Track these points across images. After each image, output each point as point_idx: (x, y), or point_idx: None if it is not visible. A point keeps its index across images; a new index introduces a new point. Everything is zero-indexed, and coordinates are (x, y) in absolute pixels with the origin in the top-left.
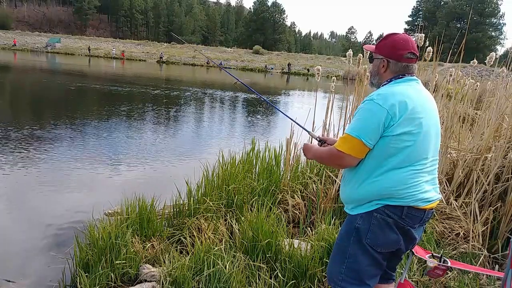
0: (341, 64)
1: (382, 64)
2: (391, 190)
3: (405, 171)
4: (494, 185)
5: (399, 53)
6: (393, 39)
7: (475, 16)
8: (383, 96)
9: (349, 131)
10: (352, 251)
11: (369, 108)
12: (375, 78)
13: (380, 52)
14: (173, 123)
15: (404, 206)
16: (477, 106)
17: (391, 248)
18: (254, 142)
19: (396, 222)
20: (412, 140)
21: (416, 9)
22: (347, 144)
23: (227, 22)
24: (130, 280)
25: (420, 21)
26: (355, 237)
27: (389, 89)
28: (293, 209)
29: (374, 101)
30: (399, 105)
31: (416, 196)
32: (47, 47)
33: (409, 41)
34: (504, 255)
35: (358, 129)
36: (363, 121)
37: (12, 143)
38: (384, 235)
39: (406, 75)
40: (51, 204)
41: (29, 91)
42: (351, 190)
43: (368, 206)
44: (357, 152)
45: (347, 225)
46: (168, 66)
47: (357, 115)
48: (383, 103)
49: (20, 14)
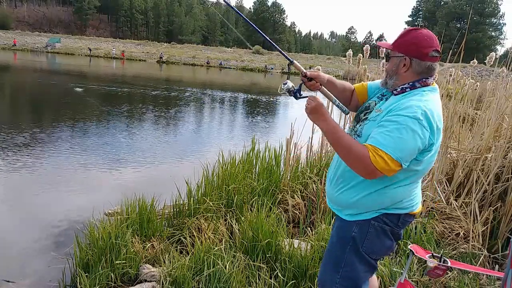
0: (341, 64)
1: (403, 63)
2: (396, 201)
3: (413, 185)
4: (494, 185)
5: (423, 51)
6: (416, 35)
7: (475, 16)
8: (427, 117)
9: (390, 150)
10: (348, 261)
11: (413, 129)
12: (392, 78)
13: (400, 49)
14: (173, 123)
15: (402, 214)
16: (477, 106)
17: (386, 254)
18: (254, 142)
19: (392, 229)
20: (432, 160)
21: (416, 9)
22: (384, 164)
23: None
24: (130, 280)
25: (420, 21)
26: (352, 246)
27: (429, 104)
28: (293, 209)
29: (419, 122)
30: (437, 129)
31: (414, 204)
32: (47, 47)
33: (434, 37)
34: (504, 255)
35: (400, 151)
36: (405, 142)
37: (12, 143)
38: (380, 243)
39: (430, 79)
40: (51, 204)
41: (29, 91)
42: (357, 196)
43: (368, 214)
44: (392, 172)
45: (340, 232)
46: (168, 66)
47: (398, 130)
48: (428, 125)
49: (20, 14)
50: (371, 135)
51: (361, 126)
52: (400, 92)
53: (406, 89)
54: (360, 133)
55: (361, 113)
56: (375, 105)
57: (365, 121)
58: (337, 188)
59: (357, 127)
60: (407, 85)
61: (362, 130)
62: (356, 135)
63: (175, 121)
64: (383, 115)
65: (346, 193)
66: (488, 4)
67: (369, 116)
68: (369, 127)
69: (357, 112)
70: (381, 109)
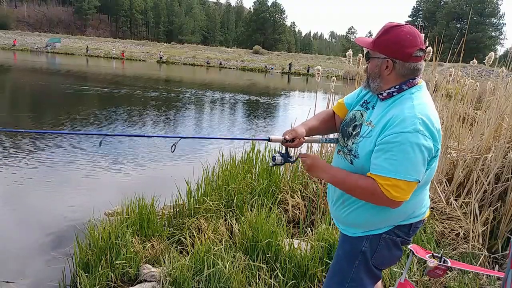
0: (341, 64)
1: (386, 65)
2: (409, 213)
3: (424, 191)
4: (494, 185)
5: (407, 51)
6: (397, 33)
7: (475, 16)
8: (426, 125)
9: (403, 176)
10: (355, 275)
11: (417, 143)
12: (376, 81)
13: (381, 50)
14: (173, 123)
15: (413, 223)
16: (477, 106)
17: (393, 264)
18: (254, 142)
19: (403, 240)
20: (436, 162)
21: (416, 9)
22: (402, 192)
23: (227, 22)
24: (130, 280)
25: (420, 21)
26: (361, 261)
27: (423, 109)
28: (293, 209)
29: (420, 134)
30: (438, 133)
31: (425, 210)
32: (47, 47)
33: (417, 35)
34: (504, 255)
35: (413, 170)
36: (414, 160)
37: (11, 143)
38: (390, 254)
39: (417, 78)
40: (51, 204)
41: (29, 91)
42: (367, 215)
43: (379, 229)
44: (410, 194)
45: (347, 246)
46: (168, 66)
47: (403, 151)
48: (430, 134)
49: (20, 14)
50: (373, 160)
51: (354, 144)
52: (386, 97)
53: (393, 93)
54: (356, 153)
55: (348, 127)
56: (361, 116)
57: (358, 138)
58: (344, 209)
59: (350, 145)
60: (394, 89)
61: (357, 150)
62: (352, 155)
63: (175, 120)
64: (378, 131)
65: (355, 213)
66: (488, 4)
67: (361, 131)
68: (364, 145)
69: (342, 126)
70: (372, 122)
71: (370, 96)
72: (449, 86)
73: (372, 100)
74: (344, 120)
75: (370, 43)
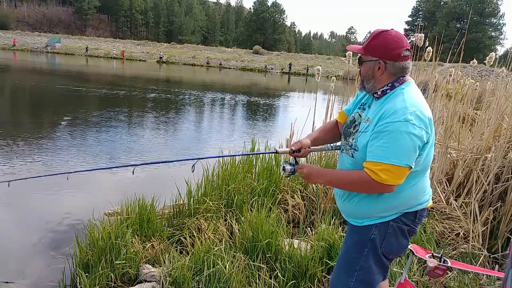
0: (341, 64)
1: (378, 66)
2: (413, 199)
3: (424, 178)
4: (494, 185)
5: (395, 52)
6: (386, 37)
7: (475, 16)
8: (416, 115)
9: (393, 160)
10: (365, 264)
11: (407, 131)
12: (370, 82)
13: (372, 53)
14: (173, 123)
15: (418, 210)
16: (477, 106)
17: (401, 254)
18: (254, 142)
19: (409, 228)
20: (432, 149)
21: (416, 9)
22: (392, 175)
23: (227, 22)
24: (130, 280)
25: (420, 21)
26: (370, 248)
27: (413, 101)
28: (293, 209)
29: (410, 123)
30: (429, 121)
31: (428, 197)
32: (47, 47)
33: (402, 37)
34: (504, 255)
35: (404, 156)
36: (405, 146)
37: (11, 143)
38: (398, 243)
39: (406, 76)
40: (51, 204)
41: (30, 91)
42: (374, 204)
43: (386, 217)
44: (402, 179)
45: (356, 236)
46: (168, 66)
47: (394, 138)
48: (419, 123)
49: (20, 14)
50: (368, 149)
51: (354, 140)
52: (381, 95)
53: (386, 91)
54: (356, 146)
55: (349, 128)
56: (359, 116)
57: (357, 134)
58: (350, 201)
59: (351, 141)
60: (387, 87)
61: (357, 143)
62: (352, 149)
63: (175, 121)
64: (373, 124)
65: (362, 204)
66: (488, 4)
67: (359, 128)
68: (363, 139)
69: (343, 129)
70: (369, 118)
71: (366, 98)
72: (449, 86)
73: (368, 101)
74: (345, 123)
75: (361, 48)
